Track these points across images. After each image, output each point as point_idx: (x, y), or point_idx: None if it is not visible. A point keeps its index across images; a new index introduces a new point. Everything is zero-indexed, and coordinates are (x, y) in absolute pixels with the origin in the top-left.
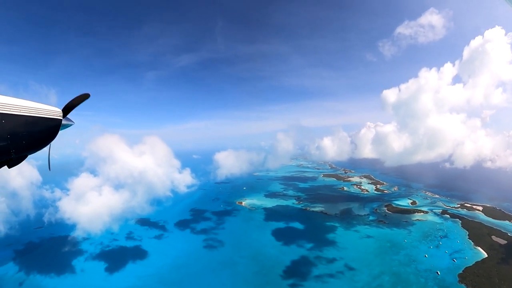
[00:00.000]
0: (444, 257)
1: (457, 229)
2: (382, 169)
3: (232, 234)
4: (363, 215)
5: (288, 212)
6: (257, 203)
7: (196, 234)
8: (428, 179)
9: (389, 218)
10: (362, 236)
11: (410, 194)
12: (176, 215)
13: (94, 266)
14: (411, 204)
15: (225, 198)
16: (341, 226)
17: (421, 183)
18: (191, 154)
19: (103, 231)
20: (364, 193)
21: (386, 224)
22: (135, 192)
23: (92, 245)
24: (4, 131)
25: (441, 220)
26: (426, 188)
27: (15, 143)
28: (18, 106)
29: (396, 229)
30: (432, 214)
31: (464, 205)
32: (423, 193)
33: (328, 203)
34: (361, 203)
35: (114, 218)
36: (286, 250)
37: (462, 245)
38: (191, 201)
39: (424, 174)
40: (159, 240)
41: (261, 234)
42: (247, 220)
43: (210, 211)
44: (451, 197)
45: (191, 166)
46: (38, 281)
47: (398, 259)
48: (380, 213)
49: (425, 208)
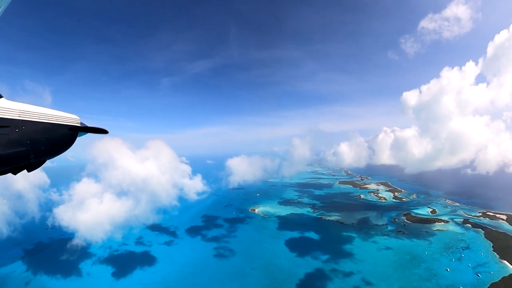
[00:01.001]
0: (467, 271)
1: (480, 240)
2: (400, 176)
3: (243, 243)
4: (381, 225)
5: (302, 221)
6: (271, 210)
7: (206, 241)
8: (448, 186)
9: (409, 228)
10: (381, 247)
11: (429, 202)
12: (188, 221)
13: (101, 270)
14: (431, 213)
15: (238, 205)
16: (358, 237)
17: (440, 190)
18: (205, 160)
19: (114, 236)
20: (382, 201)
21: (406, 234)
22: (146, 198)
23: (101, 249)
24: (24, 137)
25: (462, 230)
26: (445, 195)
27: (34, 148)
28: (37, 113)
29: (416, 240)
30: (453, 224)
31: (487, 214)
32: (442, 201)
33: (344, 211)
34: (378, 212)
35: (124, 224)
36: (300, 262)
37: (486, 258)
38: (204, 206)
39: (444, 181)
40: (169, 246)
41: (274, 244)
42: (259, 229)
43: (222, 218)
44: (472, 205)
45: (205, 171)
46: (44, 281)
47: (418, 273)
48: (399, 222)
49: (445, 217)
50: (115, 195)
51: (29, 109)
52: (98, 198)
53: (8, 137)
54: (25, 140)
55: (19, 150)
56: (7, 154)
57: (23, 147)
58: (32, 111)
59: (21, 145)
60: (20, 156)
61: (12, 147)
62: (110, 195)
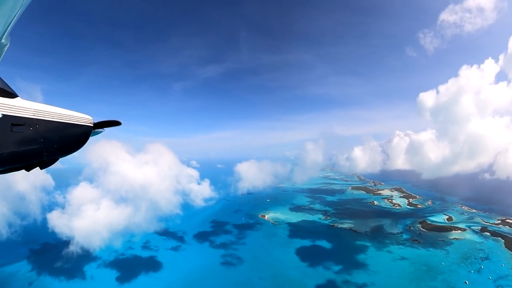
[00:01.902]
0: (487, 284)
1: (500, 250)
2: (414, 181)
3: (252, 251)
4: (396, 233)
5: (314, 229)
6: (281, 217)
7: (214, 248)
8: (464, 191)
9: (424, 236)
10: (396, 257)
11: (445, 209)
12: (196, 226)
13: (105, 274)
14: (447, 221)
15: (248, 210)
16: (372, 246)
17: (456, 196)
18: (215, 164)
19: (114, 243)
20: (396, 208)
21: (421, 243)
22: (149, 203)
23: (107, 252)
24: (38, 135)
25: (481, 239)
26: (462, 201)
27: (47, 146)
28: (51, 112)
29: (432, 249)
30: (471, 232)
31: (506, 221)
32: (459, 208)
33: (357, 218)
34: (393, 220)
35: (124, 231)
36: (311, 273)
37: (508, 270)
38: (213, 211)
39: (460, 186)
40: (176, 252)
41: (284, 253)
42: (269, 236)
43: (231, 223)
44: (490, 212)
45: (215, 175)
46: (47, 283)
47: (435, 286)
48: (414, 230)
49: (462, 225)
50: (113, 201)
51: (43, 109)
52: (96, 204)
53: (22, 135)
54: (38, 138)
55: (32, 147)
56: (21, 151)
57: (37, 145)
58: (46, 110)
59: (35, 143)
60: (34, 154)
61: (26, 145)
62: (108, 201)
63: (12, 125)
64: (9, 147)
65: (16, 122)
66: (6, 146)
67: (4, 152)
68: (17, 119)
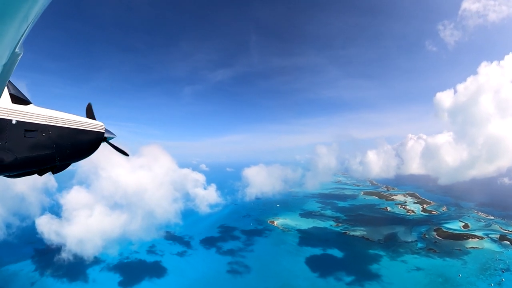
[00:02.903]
0: None
1: None
2: (427, 186)
3: (260, 259)
4: (410, 242)
5: (325, 236)
6: (291, 223)
7: (221, 254)
8: (480, 196)
9: (440, 245)
10: (411, 268)
11: (461, 216)
12: (204, 230)
13: (108, 278)
14: (463, 228)
15: (257, 216)
16: (386, 255)
17: (471, 201)
18: (225, 167)
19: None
20: (410, 215)
21: (437, 253)
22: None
23: (111, 255)
24: (50, 141)
25: (500, 248)
26: (477, 207)
27: (60, 152)
28: (63, 119)
29: (448, 259)
30: (489, 241)
31: None
32: (475, 214)
33: (370, 226)
34: (407, 227)
35: (121, 239)
36: (321, 284)
37: None
38: (221, 216)
39: (475, 191)
40: (181, 257)
41: (293, 262)
42: (278, 244)
43: (239, 229)
44: (508, 219)
45: (223, 179)
46: (49, 284)
47: None
48: (430, 239)
49: (479, 233)
50: (108, 207)
51: (56, 115)
52: (90, 209)
53: (35, 141)
54: (51, 144)
55: (45, 153)
56: (34, 156)
57: (49, 150)
58: (58, 117)
59: (47, 148)
60: (46, 159)
61: (38, 150)
62: (103, 207)
63: (25, 131)
64: (23, 152)
65: (29, 128)
66: (20, 151)
67: (18, 157)
68: (30, 125)
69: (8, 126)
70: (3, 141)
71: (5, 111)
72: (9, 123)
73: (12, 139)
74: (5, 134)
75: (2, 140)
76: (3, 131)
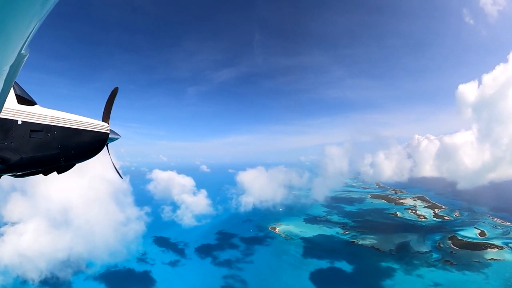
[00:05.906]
0: None
1: None
2: (436, 189)
3: (259, 272)
4: (424, 252)
5: (332, 246)
6: (294, 230)
7: (216, 265)
8: (493, 200)
9: (457, 256)
10: (428, 284)
11: (475, 222)
12: (200, 237)
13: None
14: (479, 236)
15: (258, 221)
16: (400, 269)
17: (484, 205)
18: (227, 168)
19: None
20: (422, 221)
21: (455, 265)
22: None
23: (97, 264)
24: (55, 142)
25: None
26: (492, 212)
27: (65, 152)
28: (68, 119)
29: (468, 273)
30: (509, 251)
31: None
32: (490, 219)
33: (380, 233)
34: (420, 234)
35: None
36: None
37: None
38: (220, 220)
39: (488, 194)
40: (173, 267)
41: (296, 277)
42: (280, 254)
43: (238, 236)
44: None
45: (226, 180)
46: None
47: None
48: (445, 248)
49: (498, 242)
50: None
51: (61, 116)
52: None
53: (40, 141)
54: (56, 144)
55: (50, 153)
56: (39, 157)
57: (54, 150)
58: (63, 117)
59: (53, 148)
60: (51, 159)
61: (44, 150)
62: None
63: (31, 131)
64: (28, 152)
65: (35, 129)
66: (25, 151)
67: (24, 157)
68: (35, 126)
69: (14, 126)
70: (9, 141)
71: (11, 112)
72: (15, 123)
73: (18, 139)
74: (11, 134)
75: (8, 140)
76: (9, 131)
